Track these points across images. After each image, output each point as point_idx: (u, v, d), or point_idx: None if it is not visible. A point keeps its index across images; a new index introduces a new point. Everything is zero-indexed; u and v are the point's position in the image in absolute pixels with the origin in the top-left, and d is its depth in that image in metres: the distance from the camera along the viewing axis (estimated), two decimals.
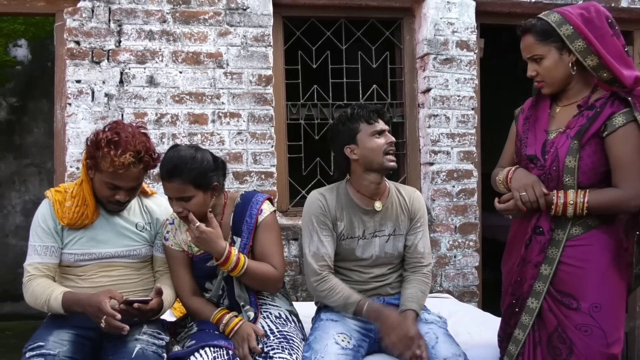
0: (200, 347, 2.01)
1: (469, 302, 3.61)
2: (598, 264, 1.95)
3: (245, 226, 2.20)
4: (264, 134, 3.51)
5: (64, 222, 2.14)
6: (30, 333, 2.10)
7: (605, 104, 1.94)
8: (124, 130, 2.09)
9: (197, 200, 2.11)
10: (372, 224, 2.29)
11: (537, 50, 2.00)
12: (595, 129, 1.93)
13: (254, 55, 3.50)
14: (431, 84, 3.68)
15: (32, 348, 1.99)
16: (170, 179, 2.09)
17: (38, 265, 2.14)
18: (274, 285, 2.24)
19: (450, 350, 2.10)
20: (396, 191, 2.37)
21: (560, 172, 1.96)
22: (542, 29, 1.98)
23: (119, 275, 2.20)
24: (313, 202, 2.29)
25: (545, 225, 2.01)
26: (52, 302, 2.05)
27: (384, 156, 2.22)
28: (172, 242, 2.24)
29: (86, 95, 3.35)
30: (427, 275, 2.33)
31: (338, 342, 2.09)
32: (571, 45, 1.93)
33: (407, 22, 3.84)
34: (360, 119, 2.24)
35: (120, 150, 2.03)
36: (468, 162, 3.73)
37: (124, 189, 2.12)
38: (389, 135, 2.26)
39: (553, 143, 2.01)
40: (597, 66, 1.92)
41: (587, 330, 1.92)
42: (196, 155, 2.11)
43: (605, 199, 1.92)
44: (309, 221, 2.26)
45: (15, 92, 5.61)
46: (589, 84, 2.03)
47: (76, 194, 2.17)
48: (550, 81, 2.03)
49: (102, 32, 3.36)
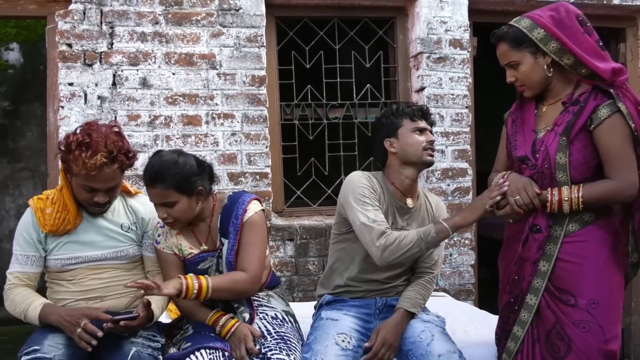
0: (197, 349, 2.00)
1: (465, 300, 3.61)
2: (595, 259, 1.97)
3: (232, 227, 2.17)
4: (258, 134, 3.50)
5: (46, 229, 2.12)
6: (25, 337, 2.09)
7: (589, 97, 1.98)
8: (95, 131, 2.05)
9: (182, 206, 2.08)
10: (401, 220, 2.28)
11: (512, 57, 2.04)
12: (582, 123, 1.96)
13: (247, 56, 3.49)
14: (425, 82, 3.68)
15: (27, 352, 1.97)
16: (152, 184, 2.06)
17: (19, 274, 2.15)
18: (246, 289, 2.15)
19: (445, 347, 2.10)
20: (424, 196, 2.39)
21: (552, 170, 1.98)
22: (514, 36, 2.02)
23: (109, 277, 2.19)
24: (361, 177, 2.24)
25: (542, 223, 2.02)
26: (30, 312, 2.07)
27: (423, 151, 2.23)
28: (163, 245, 2.22)
29: (79, 97, 3.34)
30: (430, 281, 2.33)
31: (338, 342, 2.09)
32: (545, 48, 1.97)
33: (400, 21, 3.84)
34: (404, 114, 2.27)
35: (91, 152, 1.99)
36: (463, 161, 3.73)
37: (101, 191, 2.09)
38: (429, 135, 2.27)
39: (542, 141, 2.03)
40: (574, 64, 1.96)
41: (585, 326, 1.93)
42: (178, 160, 2.08)
43: (600, 192, 1.93)
44: (360, 193, 2.18)
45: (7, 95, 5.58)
46: (571, 80, 2.06)
47: (56, 200, 2.15)
48: (529, 84, 2.06)
49: (94, 34, 3.35)
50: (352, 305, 2.29)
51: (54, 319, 2.02)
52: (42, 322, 2.06)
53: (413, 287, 2.30)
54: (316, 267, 3.54)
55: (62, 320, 2.00)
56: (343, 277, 2.32)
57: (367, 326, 2.25)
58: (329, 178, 3.81)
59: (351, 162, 3.80)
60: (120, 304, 2.17)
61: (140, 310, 2.04)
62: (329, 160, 3.80)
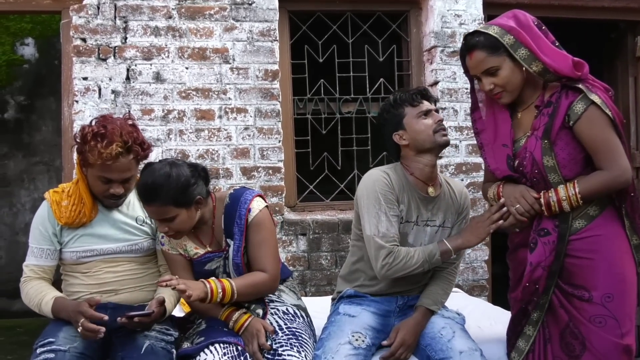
0: (210, 344, 2.00)
1: (478, 296, 3.59)
2: (607, 253, 1.96)
3: (237, 228, 2.13)
4: (271, 129, 3.50)
5: (62, 221, 2.14)
6: (40, 330, 2.11)
7: (560, 97, 1.98)
8: (110, 123, 2.07)
9: (182, 219, 2.04)
10: (425, 211, 2.22)
11: (491, 63, 2.01)
12: (559, 122, 1.96)
13: (260, 50, 3.49)
14: (439, 76, 3.66)
15: (42, 344, 2.00)
16: (148, 202, 2.02)
17: (34, 267, 2.17)
18: (268, 289, 2.18)
19: (467, 345, 2.08)
20: (446, 183, 2.31)
21: (543, 173, 1.99)
22: (489, 42, 2.01)
23: (123, 270, 2.20)
24: (378, 180, 2.14)
25: (549, 225, 2.01)
26: (43, 306, 2.09)
27: (435, 134, 2.15)
28: (168, 246, 2.20)
29: (93, 92, 3.35)
30: (452, 273, 2.30)
31: (351, 342, 2.05)
32: (515, 54, 1.97)
33: (414, 15, 3.81)
34: (404, 103, 2.18)
35: (107, 142, 2.01)
36: (477, 156, 3.70)
37: (117, 181, 2.10)
38: (436, 115, 2.19)
39: (525, 148, 2.03)
40: (543, 71, 1.96)
41: (600, 321, 1.92)
42: (171, 173, 2.00)
43: (595, 184, 1.94)
44: (376, 200, 2.11)
45: (23, 90, 5.63)
46: (538, 84, 2.07)
47: (72, 193, 2.16)
48: (510, 88, 2.04)
49: (108, 29, 3.36)
50: (373, 301, 2.24)
51: (64, 315, 2.05)
52: (55, 317, 2.09)
53: (435, 281, 2.26)
54: (329, 262, 3.54)
55: (70, 316, 2.02)
56: (367, 276, 2.27)
57: (386, 322, 2.22)
58: (341, 173, 3.80)
59: (364, 157, 3.79)
60: (133, 298, 2.18)
61: (154, 307, 2.04)
62: (341, 154, 3.79)
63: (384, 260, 2.07)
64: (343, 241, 3.51)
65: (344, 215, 3.58)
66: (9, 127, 5.62)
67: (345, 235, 3.47)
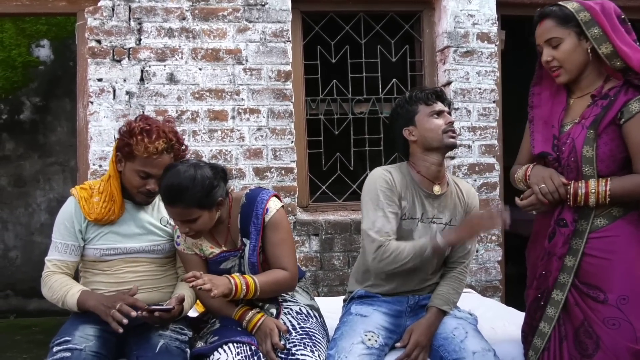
0: (224, 343, 2.01)
1: (492, 297, 3.58)
2: (625, 255, 1.93)
3: (253, 227, 2.14)
4: (283, 129, 3.51)
5: (91, 217, 2.17)
6: (56, 329, 2.13)
7: (619, 92, 1.95)
8: (154, 122, 2.17)
9: (203, 220, 2.06)
10: (432, 208, 2.24)
11: (556, 33, 1.99)
12: (611, 117, 1.93)
13: (273, 51, 3.50)
14: (452, 77, 3.65)
15: (59, 343, 2.01)
16: (173, 204, 2.03)
17: (57, 262, 2.19)
18: (288, 287, 2.21)
19: (480, 345, 2.07)
20: (454, 183, 2.33)
21: (579, 163, 1.95)
22: (562, 14, 1.99)
23: (144, 270, 2.22)
24: (379, 177, 2.20)
25: (568, 217, 1.99)
26: (69, 298, 2.11)
27: (443, 134, 2.18)
28: (183, 246, 2.22)
29: (108, 93, 3.39)
30: (463, 272, 2.29)
31: (364, 341, 2.06)
32: (587, 32, 1.94)
33: (427, 15, 3.81)
34: (418, 100, 2.22)
35: (154, 136, 2.09)
36: (490, 156, 3.69)
37: (155, 178, 2.13)
38: (447, 116, 2.22)
39: (569, 134, 2.00)
40: (611, 54, 1.93)
41: (614, 323, 1.90)
42: (196, 176, 2.00)
43: (628, 186, 1.90)
44: (375, 196, 2.16)
45: (38, 91, 5.69)
46: (602, 74, 2.03)
47: (103, 190, 2.20)
48: (568, 67, 2.01)
49: (122, 31, 3.39)
50: (384, 301, 2.25)
51: (91, 304, 2.06)
52: (80, 307, 2.09)
53: (446, 281, 2.26)
54: (341, 262, 3.54)
55: (99, 305, 2.03)
56: (377, 276, 2.28)
57: (397, 322, 2.22)
58: (354, 173, 3.80)
59: (377, 157, 3.79)
60: (151, 298, 2.20)
61: (174, 303, 2.07)
62: (354, 155, 3.79)
63: (374, 253, 2.11)
64: (355, 241, 3.52)
65: (357, 216, 3.58)
66: (25, 128, 5.68)
67: (358, 236, 3.47)
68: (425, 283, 2.28)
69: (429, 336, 2.14)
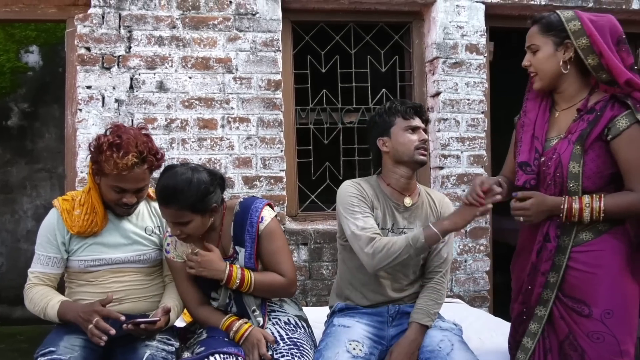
0: (210, 354, 2.00)
1: (479, 307, 3.58)
2: (610, 269, 1.93)
3: (248, 235, 2.16)
4: (273, 138, 3.51)
5: (73, 230, 2.15)
6: (41, 338, 2.11)
7: (605, 107, 1.94)
8: (125, 133, 2.09)
9: (195, 224, 2.07)
10: (402, 219, 2.26)
11: (536, 40, 2.02)
12: (597, 132, 1.92)
13: (263, 60, 3.51)
14: (440, 87, 3.67)
15: (43, 353, 1.99)
16: (166, 205, 2.04)
17: (39, 274, 2.18)
18: (285, 292, 2.23)
19: (466, 357, 2.08)
20: (426, 194, 2.35)
21: (564, 179, 1.95)
22: (547, 22, 2.01)
23: (130, 280, 2.21)
24: (350, 187, 2.25)
25: (552, 232, 1.99)
26: (49, 309, 2.09)
27: (415, 150, 2.20)
28: (173, 254, 2.22)
29: (96, 100, 3.37)
30: (440, 282, 2.28)
31: (349, 350, 2.07)
32: (575, 42, 1.95)
33: (416, 26, 3.83)
34: (397, 113, 2.24)
35: (123, 152, 2.03)
36: (478, 166, 3.71)
37: (130, 191, 2.12)
38: (422, 133, 2.24)
39: (555, 149, 1.99)
40: (597, 66, 1.94)
41: (598, 337, 1.90)
42: (192, 179, 2.03)
43: (622, 203, 1.90)
44: (349, 203, 2.20)
45: (27, 97, 5.65)
46: (587, 85, 2.03)
47: (84, 202, 2.18)
48: (541, 74, 2.03)
49: (112, 38, 3.39)
50: (365, 313, 2.27)
51: (71, 316, 2.04)
52: (61, 319, 2.08)
53: (424, 294, 2.26)
54: (330, 272, 3.53)
55: (77, 317, 2.02)
56: (353, 287, 2.30)
57: (380, 333, 2.23)
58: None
59: (366, 167, 3.79)
60: (137, 308, 2.19)
61: (160, 315, 2.05)
62: (343, 164, 3.79)
63: (367, 249, 2.10)
64: None
65: None
66: (13, 134, 5.63)
67: None
68: (404, 292, 2.28)
69: (410, 354, 2.13)
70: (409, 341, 2.15)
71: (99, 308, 2.00)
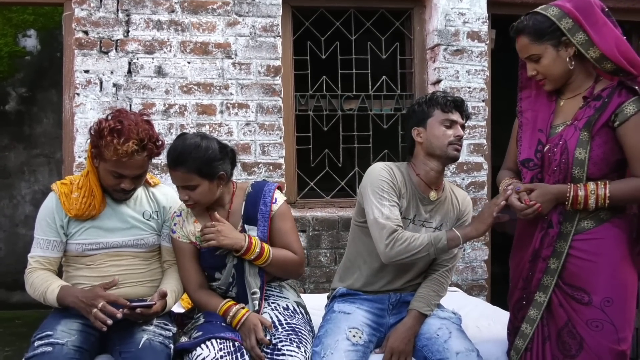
0: (207, 339, 2.00)
1: (477, 295, 3.59)
2: (610, 257, 1.94)
3: (261, 215, 2.20)
4: (272, 125, 3.49)
5: (71, 213, 2.14)
6: (39, 322, 2.11)
7: (613, 93, 1.93)
8: (126, 119, 2.07)
9: (203, 189, 2.11)
10: (424, 212, 2.24)
11: (533, 50, 2.00)
12: (605, 119, 1.92)
13: (263, 46, 3.48)
14: (441, 75, 3.65)
15: (40, 337, 1.99)
16: (175, 167, 2.10)
17: (39, 258, 2.17)
18: (296, 270, 2.28)
19: (463, 345, 2.08)
20: (450, 190, 2.33)
21: (569, 165, 1.94)
22: (535, 29, 1.97)
23: (127, 265, 2.20)
24: (382, 169, 2.20)
25: (554, 219, 1.99)
26: (49, 294, 2.08)
27: (448, 145, 2.16)
28: (179, 234, 2.23)
29: (94, 85, 3.35)
30: (445, 275, 2.28)
31: (349, 337, 2.07)
32: (572, 39, 1.93)
33: (418, 13, 3.80)
34: (436, 104, 2.20)
35: (124, 139, 2.02)
36: (478, 155, 3.70)
37: (128, 177, 2.11)
38: (459, 129, 2.19)
39: (561, 136, 1.99)
40: (600, 58, 1.92)
41: (597, 325, 1.91)
42: (201, 144, 2.09)
43: (628, 190, 1.90)
44: (379, 187, 2.15)
45: (24, 82, 5.62)
46: (591, 74, 2.03)
47: (82, 185, 2.17)
48: (551, 78, 2.02)
49: (110, 22, 3.35)
50: (366, 299, 2.26)
51: (70, 301, 2.04)
52: (60, 303, 2.07)
53: (427, 283, 2.26)
54: (328, 259, 3.53)
55: (78, 302, 2.01)
56: (362, 272, 2.28)
57: (380, 321, 2.23)
58: (342, 170, 3.79)
59: (365, 154, 3.78)
60: (135, 292, 2.18)
61: (156, 299, 2.05)
62: (342, 151, 3.78)
63: (387, 239, 2.08)
64: (343, 238, 3.51)
65: (344, 213, 3.58)
66: (10, 118, 5.61)
67: (345, 233, 3.47)
68: (409, 283, 2.28)
69: (405, 340, 2.13)
70: (407, 327, 2.15)
71: (105, 293, 2.00)
